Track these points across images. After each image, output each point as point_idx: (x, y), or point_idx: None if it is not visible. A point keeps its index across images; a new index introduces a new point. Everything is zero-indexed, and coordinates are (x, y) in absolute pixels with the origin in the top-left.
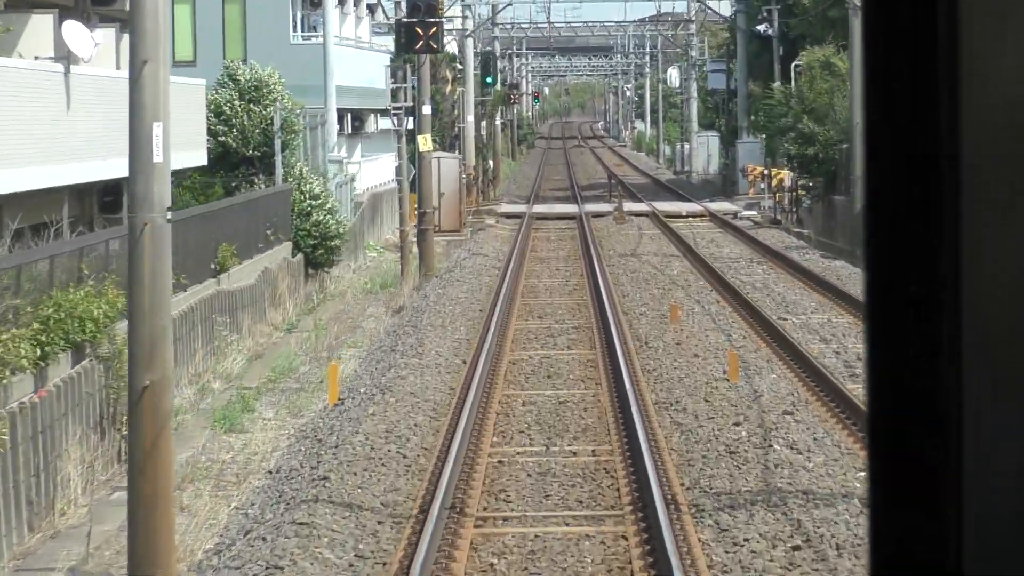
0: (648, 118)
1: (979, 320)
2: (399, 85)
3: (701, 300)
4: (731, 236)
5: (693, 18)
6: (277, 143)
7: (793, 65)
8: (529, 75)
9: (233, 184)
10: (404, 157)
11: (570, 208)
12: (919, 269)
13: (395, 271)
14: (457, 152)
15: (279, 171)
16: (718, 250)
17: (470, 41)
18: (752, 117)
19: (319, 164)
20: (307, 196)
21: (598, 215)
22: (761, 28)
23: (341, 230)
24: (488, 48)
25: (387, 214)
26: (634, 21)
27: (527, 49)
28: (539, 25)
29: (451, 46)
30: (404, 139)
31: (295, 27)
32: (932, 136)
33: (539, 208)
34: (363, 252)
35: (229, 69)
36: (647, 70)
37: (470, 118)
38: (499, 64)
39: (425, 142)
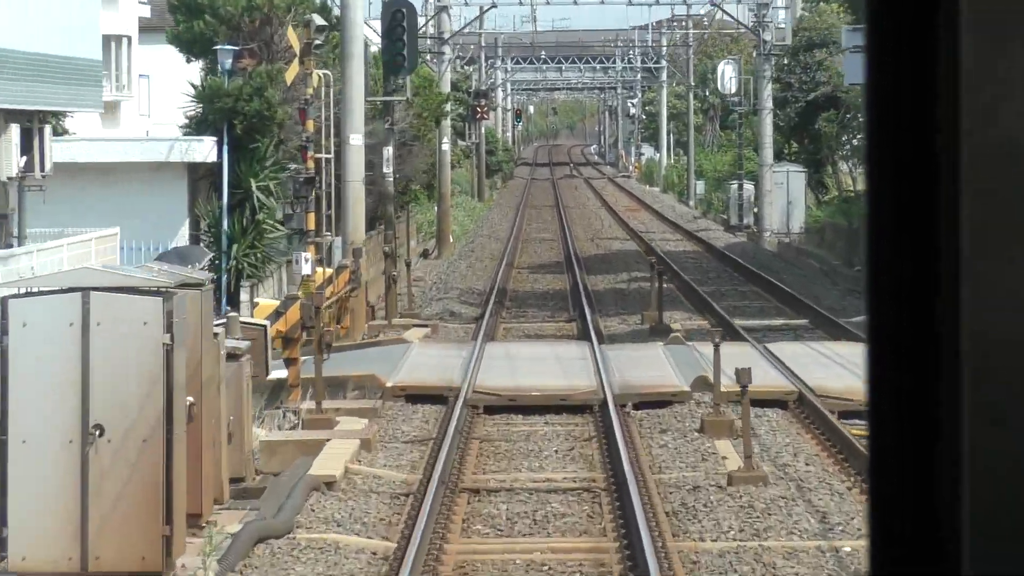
0: (664, 141)
1: (978, 323)
2: None
3: None
4: None
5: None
6: None
7: None
8: (509, 86)
9: None
10: None
11: (572, 351)
12: (918, 274)
13: None
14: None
15: None
16: None
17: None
18: None
19: None
20: None
21: (652, 400)
22: None
23: None
24: None
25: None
26: (635, 28)
27: (508, 56)
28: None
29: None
30: None
31: None
32: (932, 144)
33: (497, 355)
34: None
35: None
36: (663, 77)
37: (357, 138)
38: (462, 65)
39: None
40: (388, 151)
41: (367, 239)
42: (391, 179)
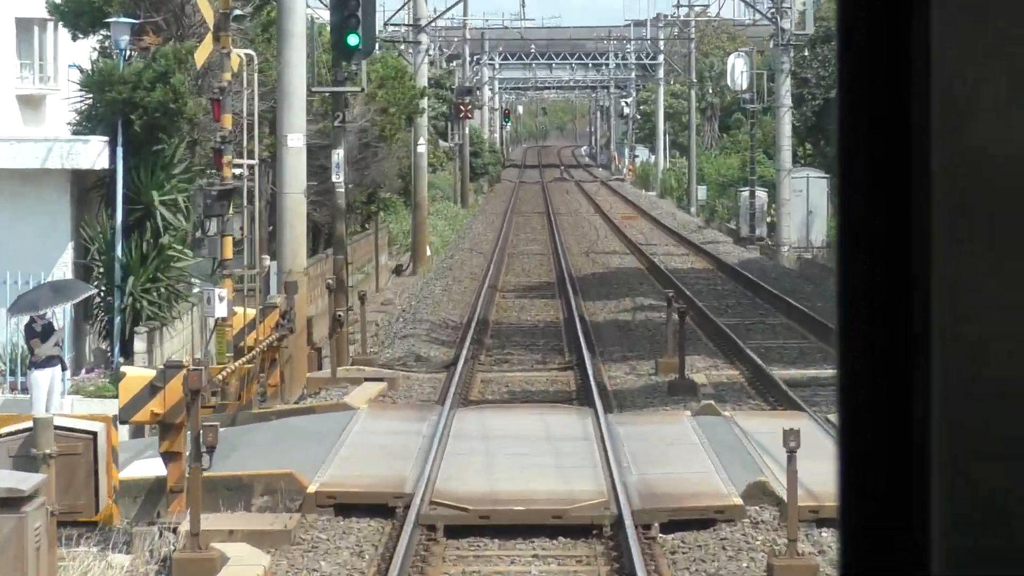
0: (661, 142)
1: (949, 321)
2: None
3: None
4: None
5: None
6: None
7: None
8: (496, 85)
9: None
10: None
11: (569, 426)
12: (889, 271)
13: None
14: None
15: None
16: None
17: None
18: None
19: None
20: None
21: (688, 517)
22: None
23: None
24: None
25: None
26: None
27: (495, 52)
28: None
29: None
30: None
31: None
32: (903, 140)
33: (470, 432)
34: None
35: None
36: (660, 74)
37: (297, 138)
38: (446, 61)
39: None
40: (338, 155)
41: (314, 264)
42: (342, 190)
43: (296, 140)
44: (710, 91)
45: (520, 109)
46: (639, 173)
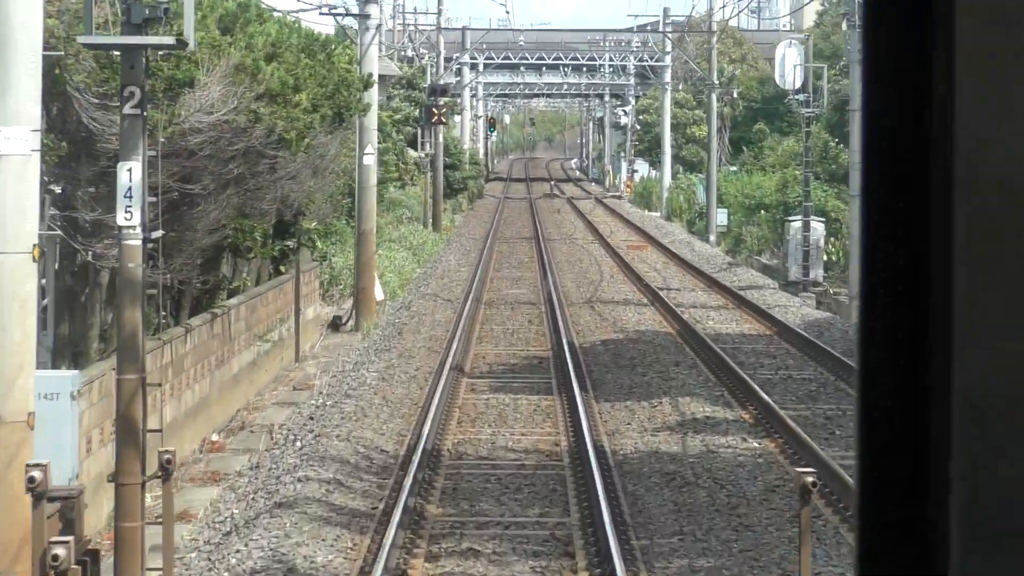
0: (667, 155)
1: (969, 324)
2: None
3: None
4: None
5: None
6: None
7: None
8: (481, 90)
9: None
10: None
11: None
12: (910, 263)
13: None
14: None
15: None
16: None
17: None
18: None
19: None
20: None
21: None
22: None
23: None
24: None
25: None
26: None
27: (479, 52)
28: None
29: None
30: None
31: None
32: (924, 150)
33: None
34: None
35: None
36: (667, 78)
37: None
38: (415, 57)
39: None
40: (130, 174)
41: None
42: (137, 242)
43: (16, 144)
44: (718, 100)
45: (507, 119)
46: (639, 190)
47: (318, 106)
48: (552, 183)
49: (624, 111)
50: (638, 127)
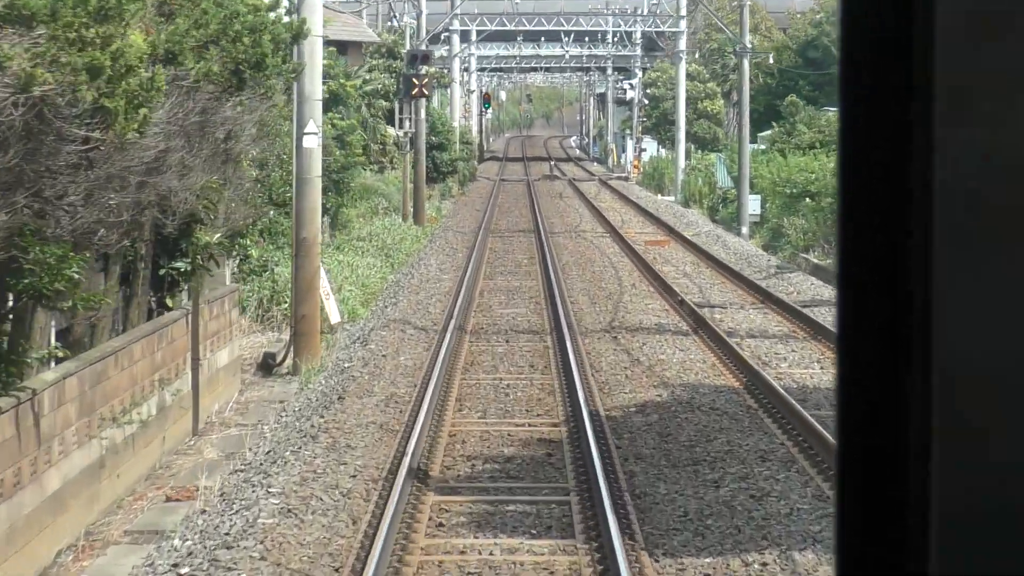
0: (682, 132)
1: (948, 331)
2: None
3: None
4: None
5: None
6: None
7: None
8: (473, 62)
9: None
10: None
11: None
12: (890, 286)
13: None
14: None
15: None
16: None
17: None
18: None
19: None
20: None
21: None
22: None
23: None
24: None
25: None
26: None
27: (470, 19)
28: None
29: None
30: None
31: None
32: (905, 158)
33: None
34: None
35: None
36: (681, 45)
37: None
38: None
39: None
40: None
41: None
42: None
43: None
44: (734, 72)
45: (503, 96)
46: (648, 171)
47: (176, 54)
48: (552, 163)
49: (630, 84)
50: (646, 102)
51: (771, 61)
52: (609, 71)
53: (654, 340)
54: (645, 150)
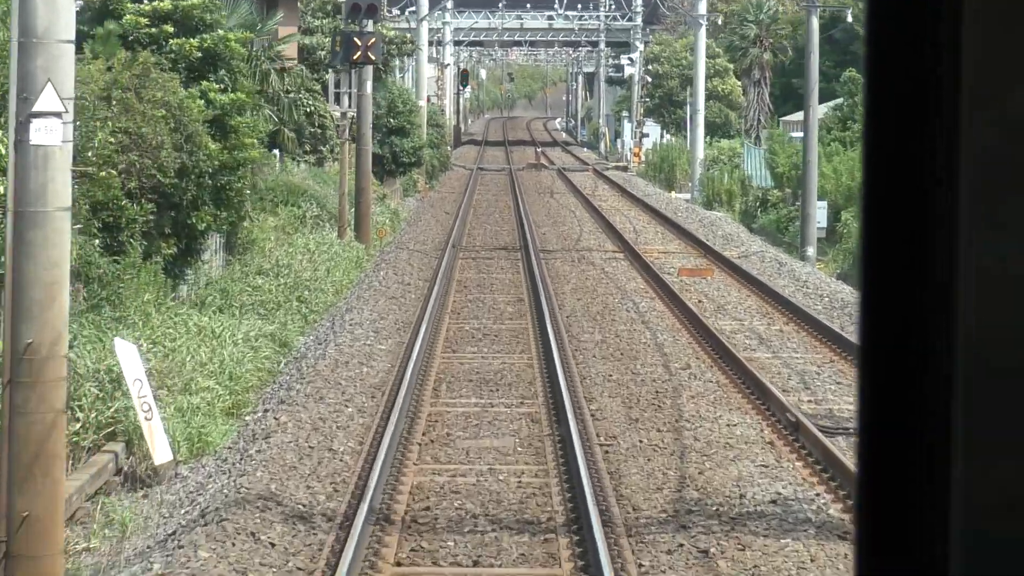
0: (701, 115)
1: (971, 329)
2: None
3: None
4: None
5: None
6: None
7: None
8: (448, 33)
9: None
10: None
11: None
12: (913, 280)
13: None
14: None
15: None
16: None
17: None
18: None
19: None
20: None
21: None
22: None
23: None
24: None
25: None
26: None
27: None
28: None
29: None
30: None
31: None
32: (930, 152)
33: None
34: None
35: None
36: (701, 8)
37: None
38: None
39: None
40: None
41: None
42: None
43: None
44: (755, 45)
45: (483, 74)
46: (653, 161)
47: None
48: (538, 150)
49: (629, 59)
50: (648, 80)
51: (849, 19)
52: (602, 45)
53: (782, 563)
54: (647, 135)
